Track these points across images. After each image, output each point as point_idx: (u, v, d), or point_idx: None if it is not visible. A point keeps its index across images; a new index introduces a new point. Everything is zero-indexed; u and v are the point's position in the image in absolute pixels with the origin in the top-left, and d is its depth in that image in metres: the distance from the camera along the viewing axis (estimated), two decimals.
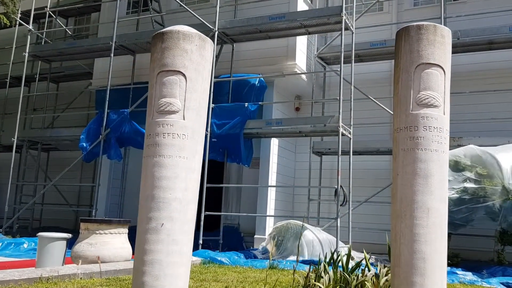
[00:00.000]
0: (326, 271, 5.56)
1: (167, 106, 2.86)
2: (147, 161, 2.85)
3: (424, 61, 2.97)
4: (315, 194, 11.46)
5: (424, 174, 2.84)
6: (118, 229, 7.02)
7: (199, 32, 2.99)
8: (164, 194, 2.76)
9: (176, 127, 2.84)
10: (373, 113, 10.98)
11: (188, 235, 2.81)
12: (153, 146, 2.83)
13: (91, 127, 10.94)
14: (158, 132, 2.83)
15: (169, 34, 2.94)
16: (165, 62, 2.91)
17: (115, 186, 12.59)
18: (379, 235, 10.65)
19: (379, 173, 11.13)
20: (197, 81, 2.91)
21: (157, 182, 2.78)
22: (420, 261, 2.73)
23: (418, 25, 3.05)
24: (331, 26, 9.98)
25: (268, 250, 9.47)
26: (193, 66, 2.91)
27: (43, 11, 13.26)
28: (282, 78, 10.79)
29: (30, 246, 9.78)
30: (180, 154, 2.80)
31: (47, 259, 6.66)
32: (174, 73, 2.89)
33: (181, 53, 2.90)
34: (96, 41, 11.95)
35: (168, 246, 2.71)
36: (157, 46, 2.98)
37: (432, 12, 11.17)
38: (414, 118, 2.94)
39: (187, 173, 2.83)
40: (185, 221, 2.79)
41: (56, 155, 14.62)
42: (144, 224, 2.76)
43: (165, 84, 2.89)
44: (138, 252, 2.79)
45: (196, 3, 12.10)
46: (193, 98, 2.89)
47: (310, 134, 10.19)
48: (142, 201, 2.83)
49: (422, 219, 2.78)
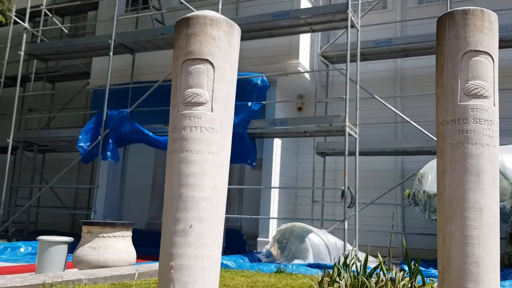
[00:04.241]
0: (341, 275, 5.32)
1: (194, 97, 2.62)
2: (173, 157, 2.61)
3: (472, 48, 2.75)
4: (319, 196, 11.23)
5: (476, 171, 2.61)
6: (122, 232, 6.76)
7: (227, 18, 2.75)
8: (192, 193, 2.51)
9: (204, 120, 2.60)
10: (377, 112, 10.78)
11: (218, 238, 2.57)
12: (179, 141, 2.59)
13: (90, 127, 10.65)
14: (184, 125, 2.59)
15: (195, 19, 2.70)
16: (191, 49, 2.67)
17: (113, 187, 12.30)
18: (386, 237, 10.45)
19: (384, 174, 10.93)
20: (225, 70, 2.68)
21: (184, 179, 2.54)
22: (473, 265, 2.51)
23: (464, 9, 2.83)
24: (336, 23, 9.76)
25: (272, 253, 9.24)
26: (221, 54, 2.68)
27: (38, 9, 12.96)
28: (285, 77, 10.57)
29: (27, 251, 9.51)
30: (209, 149, 2.57)
31: (47, 264, 6.40)
32: (201, 61, 2.65)
33: (208, 40, 2.67)
34: (95, 39, 11.67)
35: (197, 250, 2.46)
36: (181, 32, 2.74)
37: (437, 10, 10.99)
38: (463, 109, 2.71)
39: (216, 169, 2.59)
40: (214, 222, 2.54)
41: (52, 157, 14.30)
42: (170, 225, 2.52)
43: (191, 74, 2.65)
44: (164, 256, 2.54)
45: (197, 0, 11.86)
46: (221, 88, 2.65)
47: (314, 134, 9.97)
48: (168, 201, 2.58)
49: (474, 220, 2.55)
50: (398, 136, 11.00)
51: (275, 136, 10.31)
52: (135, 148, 12.04)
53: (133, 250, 6.90)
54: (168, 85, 10.39)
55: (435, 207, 8.42)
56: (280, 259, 8.86)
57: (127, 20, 12.37)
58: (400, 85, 11.23)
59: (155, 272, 6.44)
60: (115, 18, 10.90)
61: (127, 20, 12.37)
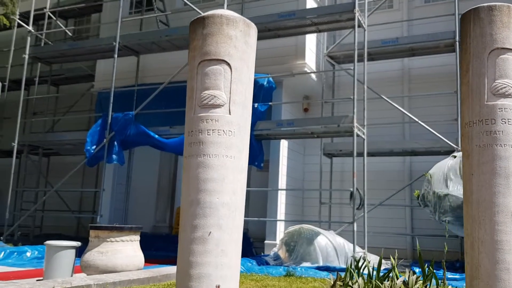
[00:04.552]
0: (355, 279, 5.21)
1: (211, 99, 2.53)
2: (190, 161, 2.51)
3: (498, 45, 2.65)
4: (326, 197, 11.13)
5: (505, 174, 2.51)
6: (130, 237, 6.66)
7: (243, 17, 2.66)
8: (210, 199, 2.42)
9: (222, 123, 2.51)
10: (384, 113, 10.66)
11: (237, 245, 2.47)
12: (196, 145, 2.49)
13: (96, 130, 10.56)
14: (201, 128, 2.50)
15: (211, 19, 2.61)
16: (207, 50, 2.58)
17: (119, 191, 12.21)
18: (394, 239, 10.35)
19: (392, 175, 10.82)
20: (242, 71, 2.59)
21: (202, 185, 2.45)
22: (504, 272, 2.41)
23: (490, 5, 2.73)
24: (343, 23, 9.66)
25: (280, 256, 9.14)
26: (238, 54, 2.58)
27: (42, 11, 12.89)
28: (291, 78, 10.47)
29: (34, 255, 9.43)
30: (227, 153, 2.47)
31: (55, 269, 6.31)
32: (218, 62, 2.56)
33: (225, 40, 2.58)
34: (99, 41, 11.59)
35: (217, 258, 2.37)
36: (197, 32, 2.64)
37: (444, 9, 10.90)
38: (490, 109, 2.61)
39: (234, 174, 2.49)
40: (234, 229, 2.45)
41: (56, 160, 14.23)
42: (188, 232, 2.42)
43: (208, 75, 2.55)
44: (182, 264, 2.45)
45: (202, 1, 11.77)
46: (238, 90, 2.56)
47: (322, 135, 9.87)
48: (185, 207, 2.48)
49: (504, 224, 2.45)
50: (406, 136, 10.89)
51: (282, 138, 10.21)
52: (140, 151, 11.96)
53: (141, 254, 6.81)
54: (174, 87, 10.38)
55: (445, 208, 8.31)
56: (288, 262, 8.76)
57: (131, 22, 12.28)
58: (408, 85, 11.12)
59: (163, 277, 6.36)
60: (119, 20, 10.81)
61: (131, 22, 12.28)
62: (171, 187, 12.54)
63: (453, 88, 9.94)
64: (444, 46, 10.19)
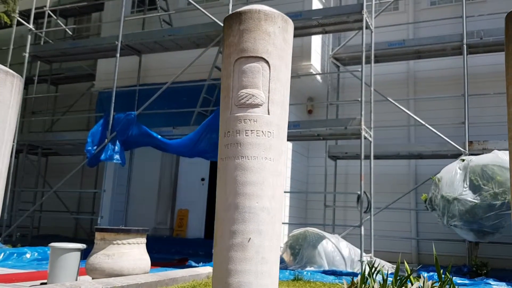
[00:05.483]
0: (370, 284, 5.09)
1: (249, 98, 2.40)
2: (227, 163, 2.38)
3: None
4: (330, 200, 11.02)
5: None
6: (137, 239, 6.51)
7: (281, 12, 2.54)
8: (250, 203, 2.29)
9: (261, 123, 2.38)
10: (389, 115, 10.58)
11: (276, 252, 2.35)
12: (234, 146, 2.36)
13: (98, 130, 10.39)
14: (239, 129, 2.37)
15: (248, 14, 2.48)
16: (244, 46, 2.46)
17: (119, 192, 12.04)
18: (399, 242, 10.25)
19: (397, 178, 10.73)
20: (281, 69, 2.47)
21: (240, 188, 2.32)
22: None
23: None
24: (350, 24, 9.55)
25: (284, 259, 9.01)
26: (276, 52, 2.46)
27: (42, 10, 12.71)
28: (297, 79, 10.34)
29: (33, 256, 9.27)
30: (266, 155, 2.35)
31: (60, 272, 6.15)
32: (256, 59, 2.43)
33: (263, 36, 2.45)
34: (101, 40, 11.42)
35: (257, 266, 2.23)
36: (233, 28, 2.51)
37: (450, 11, 10.84)
38: None
39: (274, 177, 2.37)
40: (273, 235, 2.32)
41: (54, 160, 14.04)
42: (226, 239, 2.29)
43: (245, 73, 2.43)
44: (220, 272, 2.31)
45: (205, 1, 11.64)
46: (277, 89, 2.44)
47: (328, 137, 9.76)
48: (222, 212, 2.35)
49: None
50: (411, 139, 10.80)
51: (287, 140, 10.08)
52: (141, 151, 11.80)
53: (147, 257, 6.66)
54: (176, 87, 10.25)
55: (454, 212, 8.22)
56: (293, 265, 8.65)
57: (133, 21, 12.13)
58: (413, 88, 11.03)
59: (171, 281, 6.22)
60: (122, 19, 10.65)
61: (133, 21, 12.13)
62: (172, 189, 12.39)
63: (459, 91, 9.88)
64: (451, 48, 10.12)
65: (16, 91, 2.63)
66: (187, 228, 11.79)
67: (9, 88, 2.57)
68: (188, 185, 12.07)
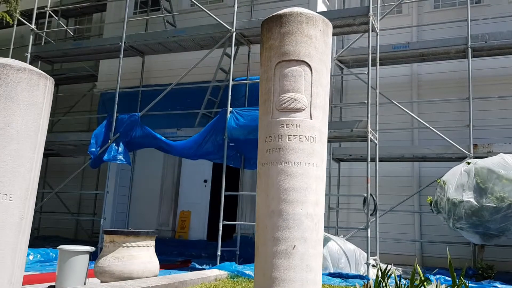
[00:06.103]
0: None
1: (292, 102, 2.36)
2: (269, 169, 2.34)
3: None
4: (334, 202, 11.00)
5: None
6: (147, 242, 6.46)
7: (322, 16, 2.50)
8: (294, 209, 2.25)
9: (303, 128, 2.34)
10: (393, 118, 10.57)
11: (320, 260, 2.31)
12: (276, 151, 2.32)
13: (101, 131, 10.31)
14: (281, 133, 2.33)
15: (289, 17, 2.45)
16: (286, 50, 2.42)
17: (121, 193, 11.95)
18: (403, 245, 10.25)
19: (400, 181, 10.72)
20: (322, 73, 2.43)
21: (284, 194, 2.27)
22: None
23: None
24: (355, 27, 9.52)
25: None
26: (318, 55, 2.42)
27: (43, 10, 12.62)
28: None
29: (36, 258, 9.17)
30: (309, 161, 2.30)
31: (69, 275, 6.08)
32: (298, 63, 2.39)
33: (304, 40, 2.41)
34: (104, 41, 11.33)
35: (302, 273, 2.19)
36: (273, 31, 2.48)
37: (454, 15, 10.85)
38: None
39: (317, 183, 2.33)
40: (317, 242, 2.28)
41: (55, 161, 13.93)
42: (270, 246, 2.24)
43: (287, 77, 2.39)
44: (263, 281, 2.26)
45: (209, 3, 11.59)
46: (319, 93, 2.40)
47: (333, 139, 9.73)
48: (264, 218, 2.31)
49: None
50: (415, 142, 10.80)
51: None
52: (143, 153, 11.72)
53: (156, 260, 6.61)
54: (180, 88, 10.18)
55: (460, 215, 8.22)
56: None
57: (135, 22, 12.05)
58: (417, 90, 11.03)
59: (180, 284, 6.16)
60: (125, 20, 10.58)
61: (135, 22, 12.05)
62: (174, 190, 12.32)
63: (463, 94, 9.89)
64: (455, 52, 10.14)
65: (48, 93, 2.59)
66: (189, 229, 11.73)
67: (42, 90, 2.52)
68: (190, 186, 12.02)
